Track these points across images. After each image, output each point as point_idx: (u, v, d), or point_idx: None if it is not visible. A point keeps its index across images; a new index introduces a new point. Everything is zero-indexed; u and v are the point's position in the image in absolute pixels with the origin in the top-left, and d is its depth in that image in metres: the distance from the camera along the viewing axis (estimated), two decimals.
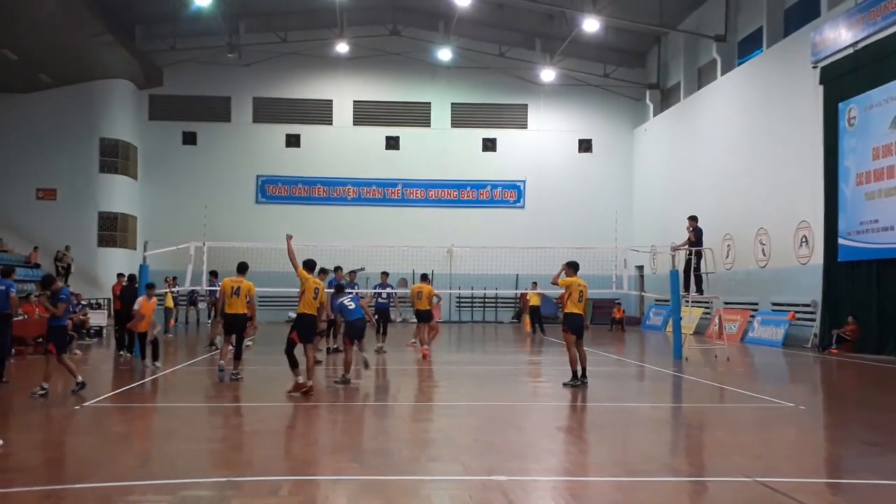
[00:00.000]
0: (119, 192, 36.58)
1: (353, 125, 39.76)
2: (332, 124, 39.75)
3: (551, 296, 29.74)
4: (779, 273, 25.89)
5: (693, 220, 20.94)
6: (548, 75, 37.82)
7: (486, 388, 14.65)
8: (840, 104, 22.57)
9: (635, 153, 39.64)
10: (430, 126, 39.96)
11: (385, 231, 36.11)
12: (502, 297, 38.58)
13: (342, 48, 37.20)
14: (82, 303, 26.48)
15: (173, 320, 28.13)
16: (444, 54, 37.79)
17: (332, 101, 39.79)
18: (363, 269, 25.89)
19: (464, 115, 40.06)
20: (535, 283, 29.67)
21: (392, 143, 39.82)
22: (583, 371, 14.10)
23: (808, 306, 24.12)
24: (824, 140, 23.19)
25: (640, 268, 36.05)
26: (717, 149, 30.39)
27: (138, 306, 16.18)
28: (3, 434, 8.64)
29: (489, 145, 40.09)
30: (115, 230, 36.24)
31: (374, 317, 19.35)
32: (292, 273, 13.54)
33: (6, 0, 26.37)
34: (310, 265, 13.57)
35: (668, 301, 22.71)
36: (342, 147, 39.36)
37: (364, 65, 38.99)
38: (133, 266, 25.58)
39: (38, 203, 35.04)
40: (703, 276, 20.57)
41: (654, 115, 37.89)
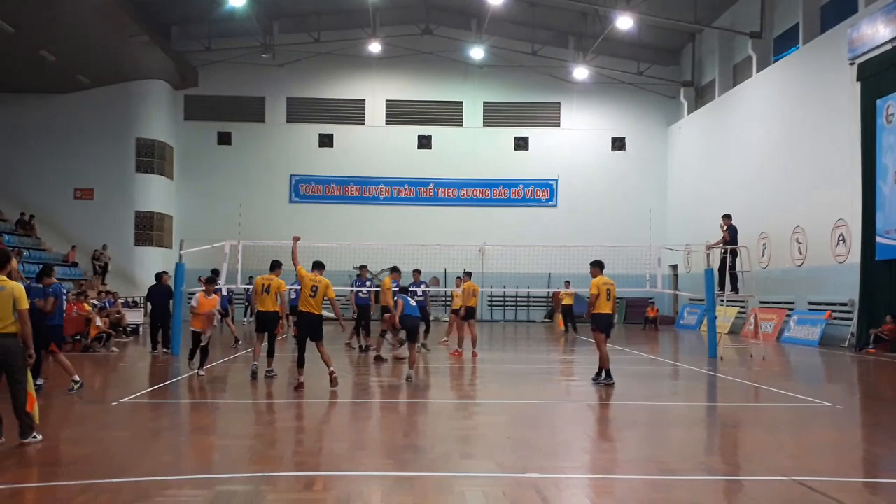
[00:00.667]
0: (155, 192, 37.02)
1: (386, 125, 39.89)
2: (364, 124, 39.92)
3: (583, 294, 29.61)
4: (815, 272, 25.57)
5: (727, 218, 20.74)
6: (581, 73, 37.66)
7: (518, 386, 14.64)
8: (878, 101, 22.24)
9: (669, 151, 39.35)
10: (462, 125, 39.98)
11: (417, 230, 36.18)
12: (534, 296, 38.50)
13: (375, 48, 37.33)
14: (118, 301, 26.83)
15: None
16: (477, 53, 37.77)
17: (364, 100, 39.96)
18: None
19: (496, 114, 40.02)
20: (567, 281, 29.55)
21: (424, 143, 39.89)
22: (598, 370, 14.23)
23: (844, 305, 23.80)
24: (861, 137, 22.87)
25: (674, 267, 35.80)
26: (753, 146, 30.09)
27: (196, 303, 14.99)
28: (42, 429, 8.77)
29: (521, 144, 40.03)
30: (151, 229, 36.68)
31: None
32: (327, 272, 13.66)
33: (44, 2, 26.77)
34: (318, 266, 13.51)
35: (702, 300, 22.52)
36: (375, 146, 39.52)
37: (396, 64, 39.10)
38: (169, 265, 25.86)
39: (75, 202, 35.60)
40: (739, 275, 20.38)
41: (689, 112, 37.59)
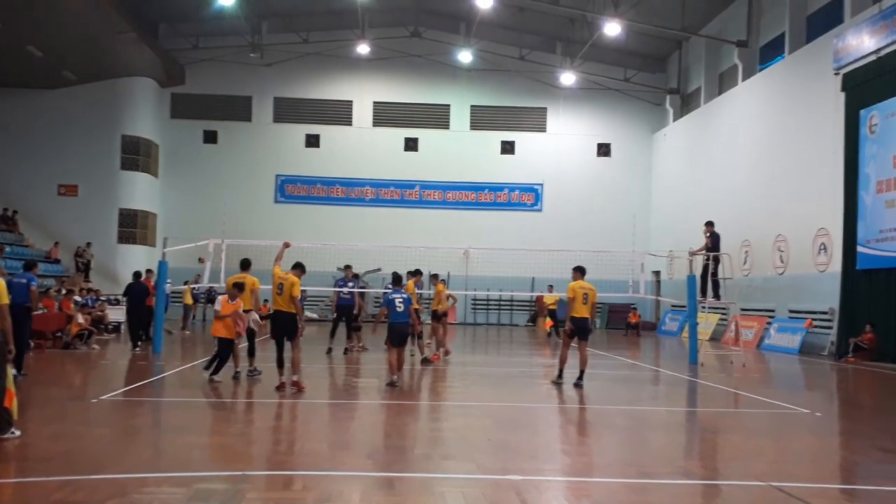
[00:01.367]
0: (140, 190, 36.87)
1: (373, 126, 39.90)
2: (351, 125, 39.91)
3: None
4: (796, 280, 25.75)
5: (709, 225, 20.85)
6: (568, 79, 37.77)
7: (500, 389, 14.67)
8: (862, 111, 22.44)
9: (654, 158, 39.53)
10: (449, 128, 40.03)
11: (402, 232, 36.14)
12: (518, 300, 38.56)
13: (363, 49, 37.33)
14: (101, 298, 26.71)
15: (190, 318, 28.29)
16: (465, 57, 37.83)
17: (352, 101, 39.95)
18: (379, 269, 25.93)
19: (483, 118, 40.09)
20: (550, 286, 29.60)
21: (411, 145, 39.92)
22: (580, 373, 14.26)
23: (825, 314, 23.97)
24: (845, 147, 23.06)
25: (657, 273, 35.95)
26: (737, 154, 30.27)
27: (219, 306, 13.89)
28: (21, 425, 8.73)
29: (508, 148, 40.11)
30: (135, 227, 36.52)
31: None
32: (312, 273, 13.69)
33: None
34: (296, 267, 13.36)
35: (684, 306, 22.64)
36: (361, 148, 39.51)
37: (384, 66, 39.11)
38: (152, 263, 25.76)
39: (59, 199, 35.39)
40: (721, 282, 20.49)
41: (674, 119, 37.78)
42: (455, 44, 38.26)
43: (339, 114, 39.94)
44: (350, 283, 20.51)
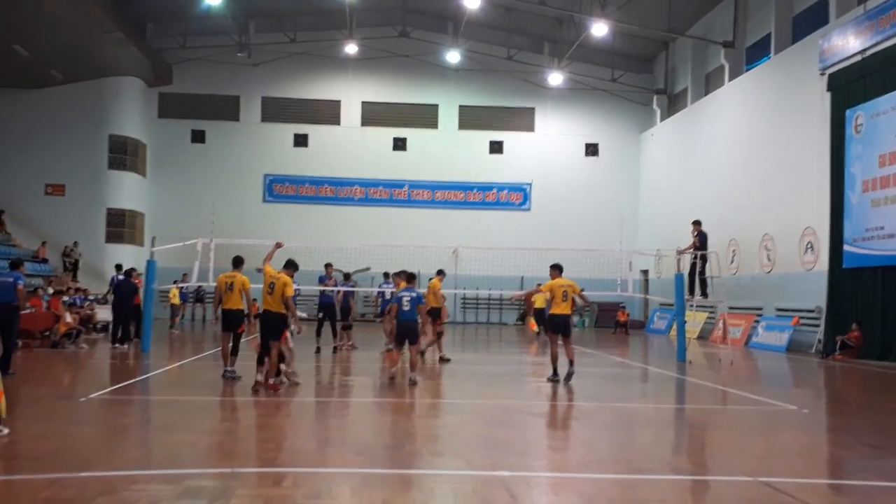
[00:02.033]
0: (127, 189, 36.75)
1: (361, 126, 39.87)
2: (340, 125, 39.88)
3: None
4: (783, 279, 25.88)
5: (697, 224, 20.94)
6: (555, 79, 37.84)
7: (490, 386, 14.69)
8: (847, 111, 22.57)
9: (642, 158, 39.65)
10: (437, 128, 40.05)
11: (391, 232, 36.15)
12: (507, 299, 38.58)
13: (351, 49, 37.30)
14: (89, 298, 26.61)
15: (178, 317, 28.21)
16: (453, 57, 37.84)
17: (340, 101, 39.91)
18: (369, 268, 25.89)
19: (471, 118, 40.12)
20: (539, 284, 29.57)
21: (399, 145, 39.91)
22: (570, 364, 14.31)
23: (812, 312, 24.11)
24: (831, 147, 23.19)
25: (645, 272, 36.06)
26: (724, 154, 30.39)
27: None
28: (9, 424, 8.70)
29: (496, 148, 40.15)
30: (123, 226, 36.40)
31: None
32: (300, 272, 13.65)
33: None
34: (288, 265, 13.33)
35: (672, 305, 22.73)
36: (350, 147, 39.48)
37: (373, 66, 39.09)
38: (140, 262, 25.67)
39: (46, 198, 35.24)
40: (708, 280, 20.58)
41: (661, 120, 37.91)
42: (443, 44, 38.26)
43: (328, 113, 39.89)
44: (328, 281, 20.39)
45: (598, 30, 31.21)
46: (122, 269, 22.11)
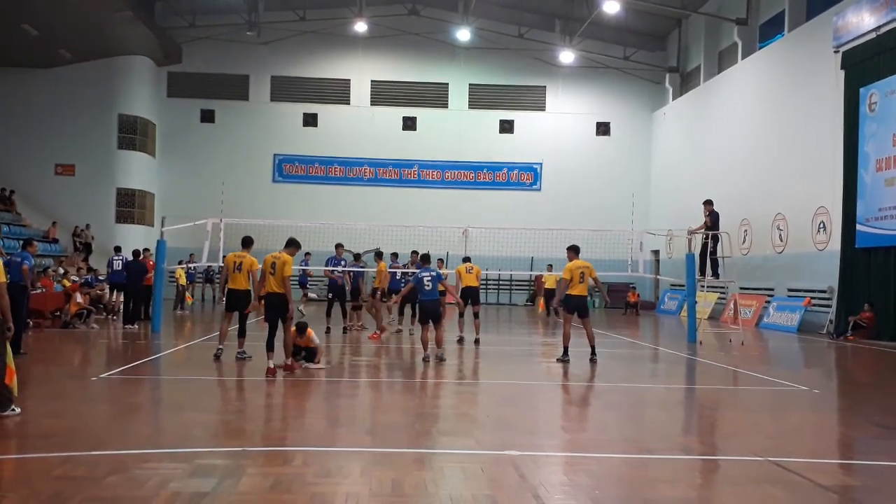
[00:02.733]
0: (137, 169, 36.79)
1: (371, 105, 39.76)
2: (349, 104, 39.77)
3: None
4: (795, 259, 25.75)
5: (708, 204, 20.78)
6: (567, 57, 37.60)
7: (499, 367, 14.70)
8: (861, 89, 22.35)
9: (653, 137, 39.44)
10: (447, 107, 39.90)
11: (401, 212, 36.08)
12: (517, 280, 38.56)
13: (360, 27, 37.10)
14: (100, 278, 26.70)
15: (190, 296, 28.30)
16: (463, 35, 37.60)
17: (349, 80, 39.78)
18: (378, 249, 25.88)
19: (482, 97, 39.95)
20: (550, 265, 29.61)
21: (409, 124, 39.79)
22: (592, 350, 14.50)
23: (824, 292, 24.00)
24: (844, 125, 22.99)
25: (656, 252, 35.96)
26: (736, 133, 30.19)
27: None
28: (21, 403, 8.74)
29: (507, 127, 39.99)
30: (133, 206, 36.48)
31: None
32: (312, 253, 13.61)
33: None
34: (291, 244, 13.05)
35: (683, 285, 22.65)
36: (359, 127, 39.38)
37: (382, 44, 38.92)
38: (150, 242, 25.74)
39: (56, 178, 35.32)
40: (720, 261, 20.48)
41: (674, 98, 37.66)
42: (453, 21, 38.02)
43: (337, 93, 39.79)
44: (342, 262, 20.38)
45: (611, 7, 30.96)
46: (120, 251, 22.20)
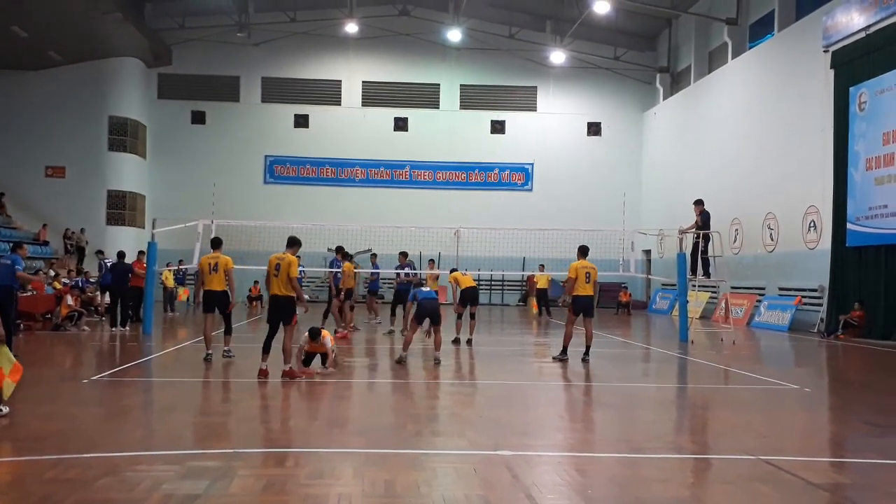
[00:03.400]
0: (128, 171, 36.70)
1: (362, 106, 39.75)
2: (340, 105, 39.76)
3: (558, 279, 29.73)
4: (786, 258, 25.84)
5: (699, 203, 20.83)
6: (557, 57, 37.67)
7: (491, 367, 14.70)
8: (851, 88, 22.45)
9: (644, 137, 39.53)
10: (438, 108, 39.92)
11: (392, 212, 36.13)
12: (509, 280, 38.59)
13: (351, 28, 37.09)
14: (90, 280, 26.60)
15: (186, 291, 28.32)
16: (454, 35, 37.62)
17: (340, 81, 39.77)
18: (370, 250, 25.90)
19: (473, 97, 39.98)
20: (542, 265, 29.64)
21: (401, 125, 39.79)
22: (586, 349, 14.63)
23: (814, 291, 24.09)
24: (834, 124, 23.09)
25: (648, 251, 36.04)
26: (727, 133, 30.29)
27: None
28: (12, 405, 8.71)
29: (498, 127, 40.03)
30: (123, 209, 36.38)
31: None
32: (303, 253, 13.62)
33: None
34: (292, 243, 12.61)
35: (674, 285, 22.70)
36: (351, 128, 39.37)
37: (373, 45, 38.91)
38: (141, 244, 25.66)
39: (46, 180, 35.22)
40: (711, 260, 20.53)
41: (664, 98, 37.76)
42: (444, 22, 38.05)
43: (328, 94, 39.77)
44: (408, 268, 20.92)
45: (601, 7, 31.02)
46: (104, 254, 22.14)
